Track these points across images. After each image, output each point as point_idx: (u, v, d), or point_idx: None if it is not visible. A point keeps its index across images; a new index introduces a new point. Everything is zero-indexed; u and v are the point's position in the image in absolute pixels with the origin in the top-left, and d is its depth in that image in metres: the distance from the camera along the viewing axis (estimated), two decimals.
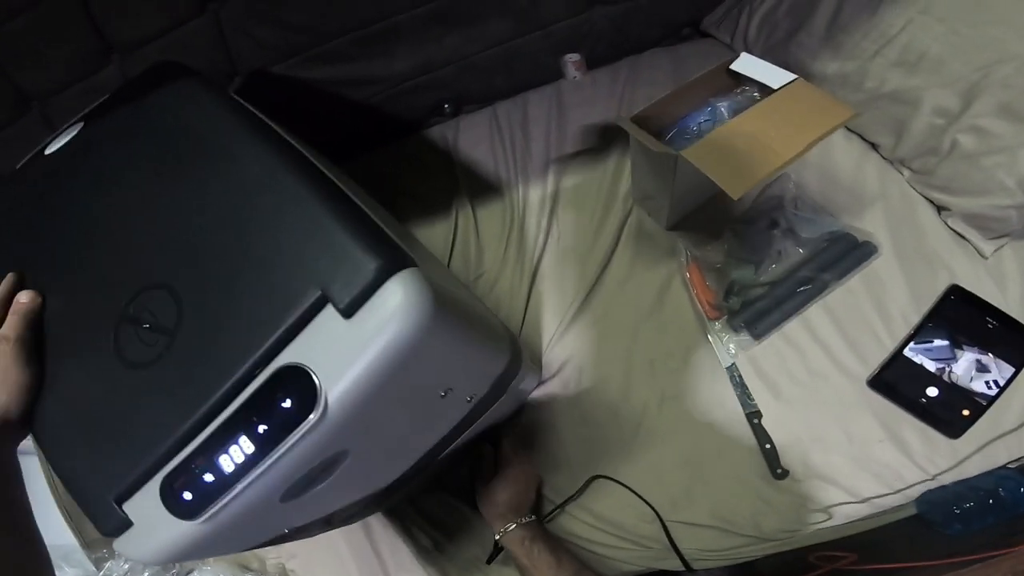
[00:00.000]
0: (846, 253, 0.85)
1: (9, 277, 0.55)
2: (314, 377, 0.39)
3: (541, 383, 0.89)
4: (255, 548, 0.55)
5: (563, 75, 1.10)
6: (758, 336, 0.83)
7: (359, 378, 0.39)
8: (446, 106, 1.09)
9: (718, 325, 0.85)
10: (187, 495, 0.41)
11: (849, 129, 0.96)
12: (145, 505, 0.43)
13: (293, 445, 0.39)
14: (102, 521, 0.44)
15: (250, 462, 0.40)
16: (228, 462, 0.40)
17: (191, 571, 0.83)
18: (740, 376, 0.83)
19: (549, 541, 0.74)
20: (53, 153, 0.61)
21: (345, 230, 0.44)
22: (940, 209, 0.87)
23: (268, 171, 0.49)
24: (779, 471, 0.77)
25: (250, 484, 0.40)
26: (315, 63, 0.92)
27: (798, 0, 0.95)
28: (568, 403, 0.87)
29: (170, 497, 0.41)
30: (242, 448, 0.40)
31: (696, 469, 0.80)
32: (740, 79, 0.82)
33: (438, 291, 0.44)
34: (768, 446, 0.79)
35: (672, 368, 0.86)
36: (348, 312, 0.40)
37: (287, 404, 0.39)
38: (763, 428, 0.80)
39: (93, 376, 0.49)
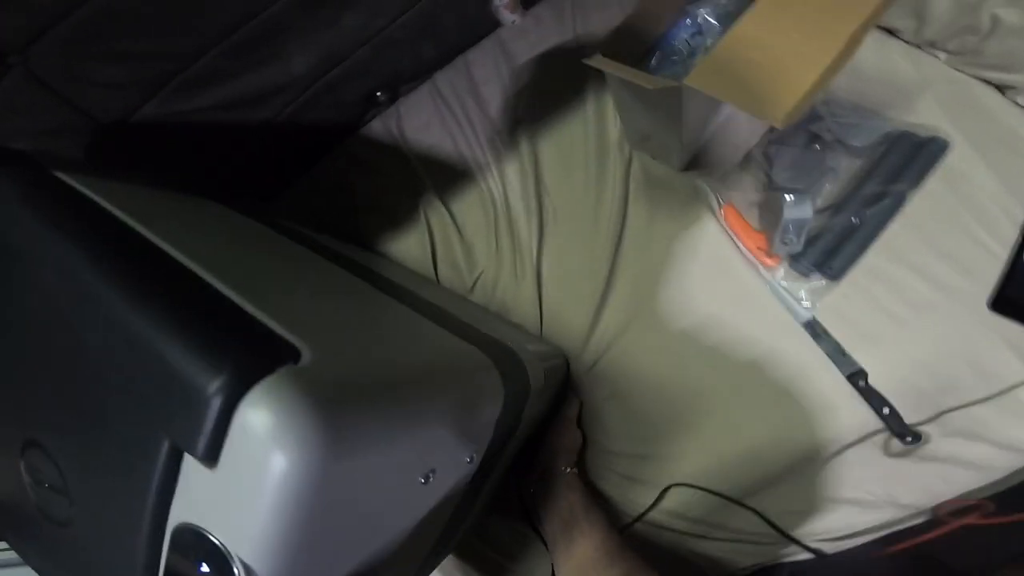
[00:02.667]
0: (914, 154, 0.62)
1: None
2: (213, 539, 0.29)
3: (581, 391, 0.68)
4: None
5: (499, 23, 0.84)
6: (835, 276, 0.61)
7: (268, 531, 0.28)
8: (379, 94, 0.82)
9: (781, 272, 0.62)
10: None
11: None
12: None
13: None
14: None
15: None
16: None
17: None
18: (825, 330, 0.60)
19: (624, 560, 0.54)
20: None
21: (166, 340, 0.29)
22: (1003, 88, 0.65)
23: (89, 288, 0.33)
24: (909, 438, 0.56)
25: None
26: (191, 91, 0.66)
27: None
28: (618, 405, 0.65)
29: None
30: None
31: (800, 452, 0.59)
32: None
33: (333, 381, 0.30)
34: (887, 411, 0.57)
35: (735, 338, 0.63)
36: (209, 460, 0.28)
37: (206, 570, 0.29)
38: (874, 389, 0.58)
39: (38, 535, 0.40)
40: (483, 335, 0.54)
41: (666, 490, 0.62)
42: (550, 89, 0.77)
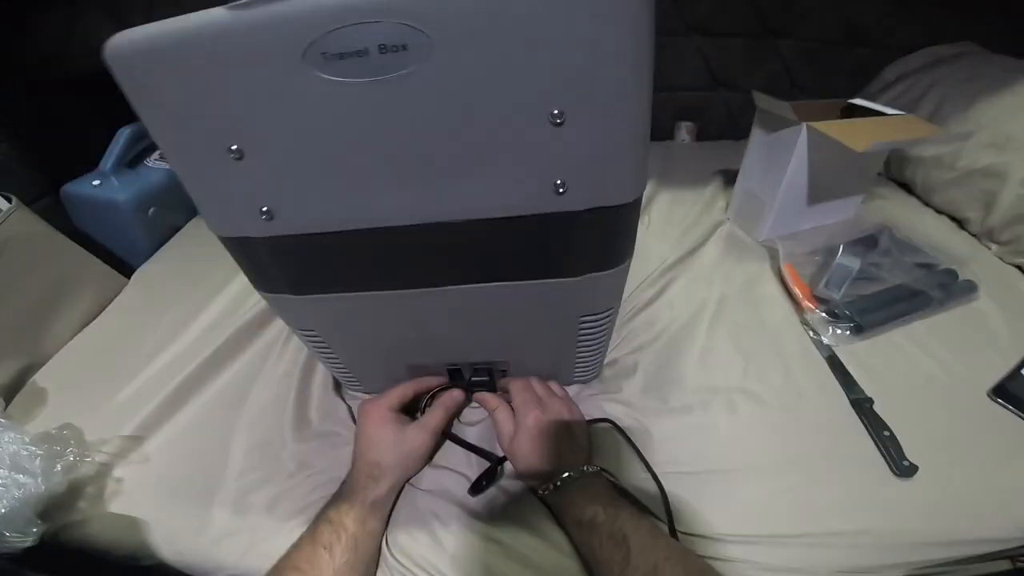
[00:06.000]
0: (949, 283, 0.70)
1: (435, 380, 0.57)
2: None
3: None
4: None
5: (674, 137, 1.09)
6: (861, 330, 0.65)
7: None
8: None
9: (818, 315, 0.68)
10: None
11: (937, 210, 0.88)
12: None
13: None
14: None
15: None
16: None
17: None
18: (842, 364, 0.63)
19: (613, 516, 0.43)
20: None
21: None
22: None
23: None
24: (906, 463, 0.53)
25: None
26: None
27: (906, 100, 0.96)
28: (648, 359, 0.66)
29: None
30: None
31: (792, 458, 0.55)
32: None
33: None
34: (887, 433, 0.55)
35: (763, 351, 0.66)
36: None
37: None
38: (877, 414, 0.57)
39: None
40: None
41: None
42: (687, 180, 0.97)
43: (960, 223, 0.85)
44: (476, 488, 0.51)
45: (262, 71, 0.28)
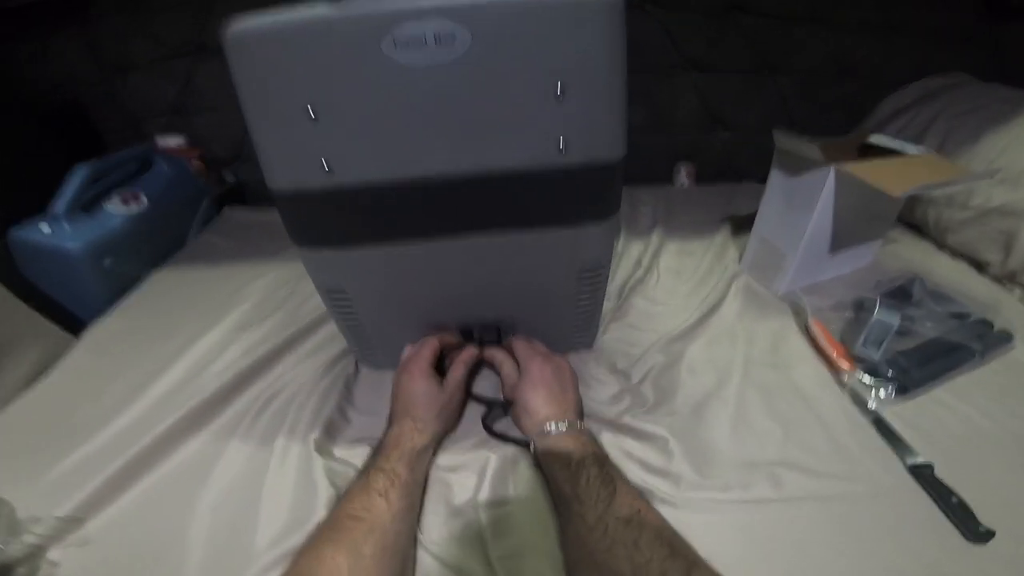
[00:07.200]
0: (986, 333, 0.65)
1: (451, 337, 0.61)
2: None
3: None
4: None
5: (673, 181, 1.04)
6: (906, 390, 0.59)
7: None
8: None
9: (858, 375, 0.62)
10: None
11: (953, 252, 0.84)
12: None
13: None
14: None
15: None
16: None
17: None
18: (890, 427, 0.56)
19: (602, 461, 0.46)
20: None
21: None
22: None
23: None
24: (982, 529, 0.47)
25: None
26: None
27: (907, 135, 0.91)
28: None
29: None
30: None
31: (850, 534, 0.48)
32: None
33: None
34: (955, 500, 0.49)
35: (797, 417, 0.59)
36: None
37: None
38: (940, 480, 0.51)
39: None
40: None
41: None
42: (690, 224, 0.92)
43: (979, 266, 0.81)
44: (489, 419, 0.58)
45: (349, 52, 0.36)
